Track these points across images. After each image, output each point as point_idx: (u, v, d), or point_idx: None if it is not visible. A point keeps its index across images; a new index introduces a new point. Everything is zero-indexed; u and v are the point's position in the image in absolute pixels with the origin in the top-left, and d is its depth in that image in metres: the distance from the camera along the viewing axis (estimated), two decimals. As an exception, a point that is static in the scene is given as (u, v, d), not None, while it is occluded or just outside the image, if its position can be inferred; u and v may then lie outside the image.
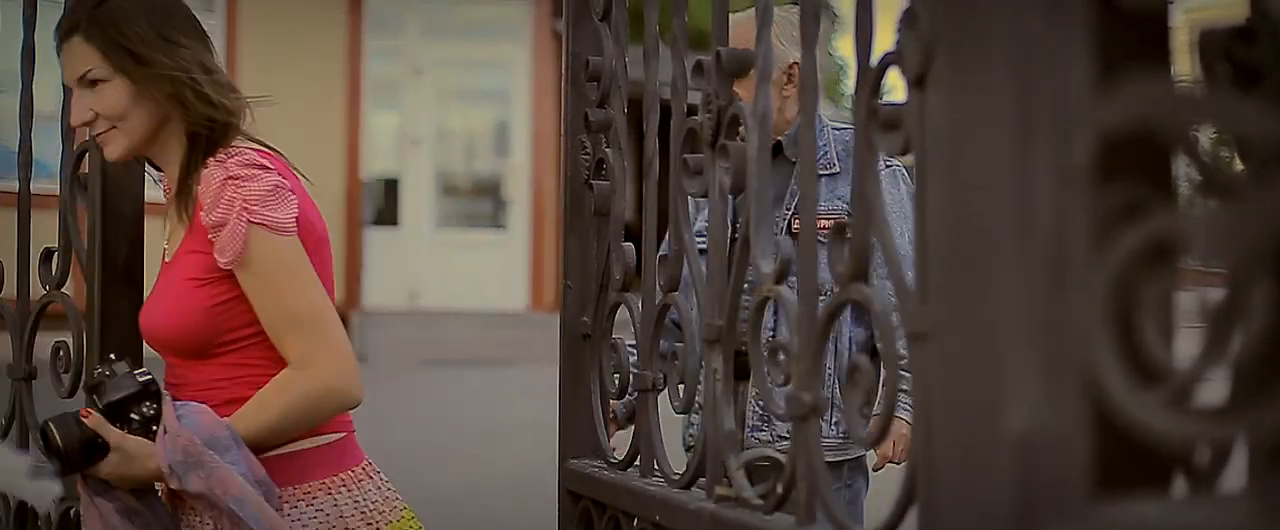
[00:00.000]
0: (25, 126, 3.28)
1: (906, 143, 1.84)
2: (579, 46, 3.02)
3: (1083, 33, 1.28)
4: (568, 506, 2.99)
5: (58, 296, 3.16)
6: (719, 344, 2.43)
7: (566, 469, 3.00)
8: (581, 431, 3.02)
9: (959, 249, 1.35)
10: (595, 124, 2.96)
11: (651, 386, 2.74)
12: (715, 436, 2.44)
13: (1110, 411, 1.20)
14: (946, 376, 1.37)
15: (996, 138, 1.30)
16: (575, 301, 3.02)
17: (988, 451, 1.30)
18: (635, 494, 2.69)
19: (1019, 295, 1.28)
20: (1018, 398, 1.27)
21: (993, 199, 1.30)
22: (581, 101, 3.00)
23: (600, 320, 2.98)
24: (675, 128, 2.59)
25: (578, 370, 3.03)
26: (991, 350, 1.30)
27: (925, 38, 1.76)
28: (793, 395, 2.14)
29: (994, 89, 1.31)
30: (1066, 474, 1.27)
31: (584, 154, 3.01)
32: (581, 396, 3.02)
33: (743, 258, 2.37)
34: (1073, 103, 1.27)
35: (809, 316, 2.12)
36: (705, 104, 2.44)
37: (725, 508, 2.35)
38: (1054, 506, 1.27)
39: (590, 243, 3.03)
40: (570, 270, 3.03)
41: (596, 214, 2.98)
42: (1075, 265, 1.25)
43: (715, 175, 2.43)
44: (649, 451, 2.75)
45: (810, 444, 2.12)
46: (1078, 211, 1.26)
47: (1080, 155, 1.25)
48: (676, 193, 2.61)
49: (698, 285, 2.56)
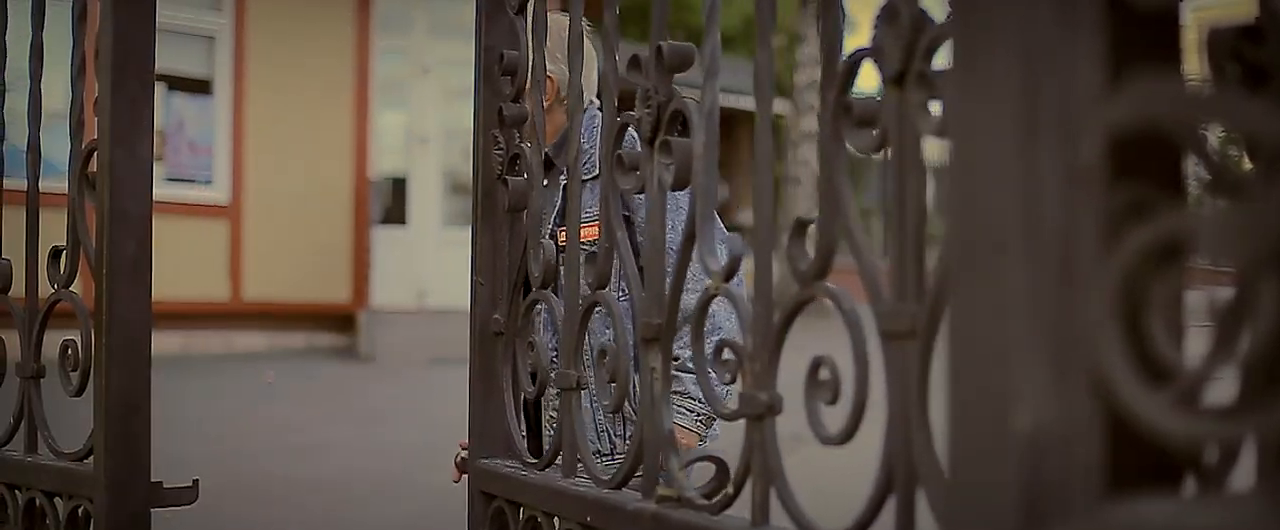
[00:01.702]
0: (34, 125, 3.28)
1: (882, 139, 1.83)
2: (493, 40, 2.97)
3: (1091, 31, 1.27)
4: (479, 507, 2.94)
5: (66, 295, 3.16)
6: (657, 342, 2.40)
7: (478, 468, 2.96)
8: (494, 430, 2.98)
9: (966, 248, 1.35)
10: (510, 118, 2.92)
11: (576, 385, 2.71)
12: (653, 436, 2.41)
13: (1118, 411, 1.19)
14: (954, 375, 1.37)
15: (1004, 137, 1.30)
16: (487, 298, 2.99)
17: (995, 451, 1.30)
18: (561, 494, 2.64)
19: (1027, 294, 1.27)
20: (1025, 397, 1.27)
21: (1000, 198, 1.30)
22: (495, 96, 2.97)
23: (515, 317, 2.94)
24: (606, 123, 2.56)
25: (489, 368, 2.99)
26: (999, 349, 1.29)
27: (905, 35, 1.76)
28: (748, 394, 2.11)
29: (1001, 88, 1.30)
30: (1074, 474, 1.27)
31: (497, 149, 2.96)
32: (493, 395, 2.99)
33: (684, 255, 2.34)
34: (1081, 101, 1.27)
35: (764, 316, 2.10)
36: (643, 99, 2.40)
37: (668, 508, 2.31)
38: (1061, 506, 1.27)
39: (503, 239, 3.00)
40: (482, 267, 3.00)
41: (511, 210, 2.93)
42: (1083, 264, 1.25)
43: (654, 171, 2.39)
44: (571, 451, 2.71)
45: (766, 443, 2.10)
46: (1086, 211, 1.26)
47: (1088, 154, 1.25)
48: (608, 189, 2.58)
49: (632, 284, 2.54)
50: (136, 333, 2.98)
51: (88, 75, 3.13)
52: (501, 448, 2.99)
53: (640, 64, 2.42)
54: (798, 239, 2.01)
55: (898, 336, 1.79)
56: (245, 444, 11.32)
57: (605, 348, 2.62)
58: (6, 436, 3.34)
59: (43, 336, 3.27)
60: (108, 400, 2.94)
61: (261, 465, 10.51)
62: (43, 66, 3.28)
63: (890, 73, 1.79)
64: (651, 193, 2.41)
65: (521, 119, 2.93)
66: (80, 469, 3.04)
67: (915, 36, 1.76)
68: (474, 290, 3.01)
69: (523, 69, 2.93)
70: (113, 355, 2.94)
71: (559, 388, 2.74)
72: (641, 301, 2.46)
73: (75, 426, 3.23)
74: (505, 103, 2.95)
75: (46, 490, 3.15)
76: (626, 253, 2.56)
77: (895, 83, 1.80)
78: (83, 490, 3.01)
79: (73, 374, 3.11)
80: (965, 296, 1.35)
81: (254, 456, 10.82)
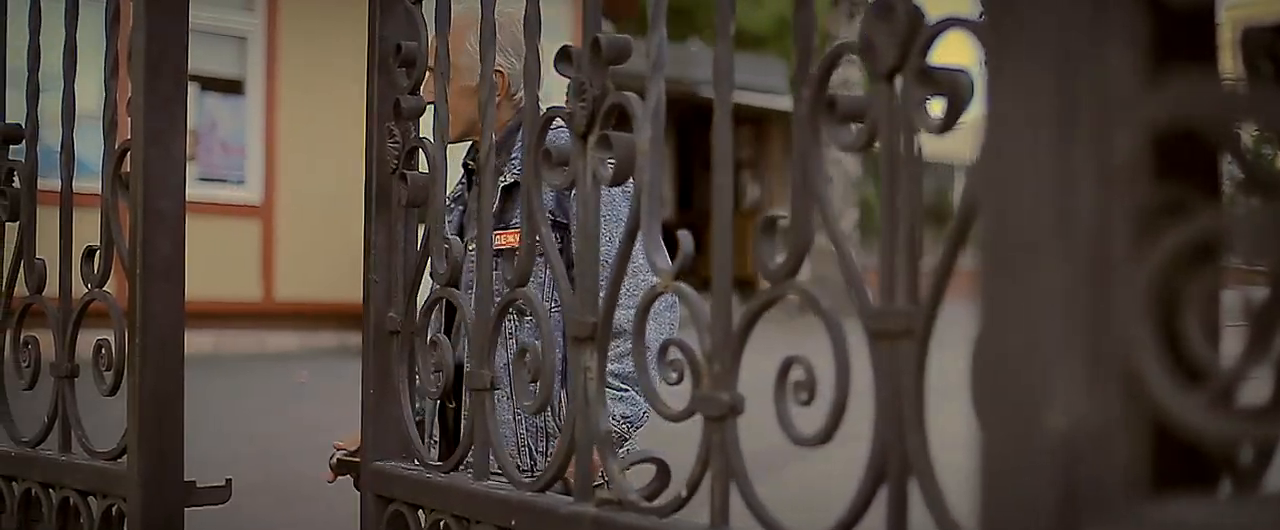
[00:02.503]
0: (67, 125, 3.29)
1: (870, 136, 1.81)
2: (387, 30, 2.93)
3: (1126, 30, 1.27)
4: (374, 510, 2.87)
5: (100, 295, 3.17)
6: (592, 342, 2.34)
7: (373, 471, 2.89)
8: (389, 431, 2.92)
9: (1000, 247, 1.34)
10: (407, 111, 2.87)
11: (490, 386, 2.64)
12: (586, 437, 2.35)
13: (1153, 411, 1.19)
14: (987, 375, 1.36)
15: (1038, 136, 1.29)
16: (382, 296, 2.93)
17: (1029, 451, 1.29)
18: (478, 497, 2.57)
19: (1061, 294, 1.27)
20: (1059, 397, 1.26)
21: (1034, 197, 1.30)
22: (390, 88, 2.91)
23: (412, 316, 2.88)
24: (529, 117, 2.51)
25: (384, 367, 2.92)
26: (1033, 349, 1.29)
27: (901, 30, 1.74)
28: (708, 395, 2.07)
29: (1036, 86, 1.30)
30: (1109, 473, 1.26)
31: (393, 142, 2.91)
32: (389, 395, 2.92)
33: (625, 252, 2.29)
34: (1116, 100, 1.26)
35: (724, 315, 2.06)
36: (578, 93, 2.35)
37: (609, 511, 2.25)
38: (1096, 506, 1.26)
39: (398, 235, 2.93)
40: (376, 264, 2.93)
41: (409, 204, 2.88)
42: (1118, 264, 1.25)
43: (587, 167, 2.34)
44: (484, 452, 2.63)
45: (727, 444, 2.06)
46: (1121, 210, 1.25)
47: (1123, 153, 1.25)
48: (531, 183, 2.52)
49: (559, 283, 2.48)
50: (169, 332, 2.99)
51: (120, 75, 3.14)
52: (397, 449, 2.92)
53: (571, 56, 2.37)
54: (767, 237, 1.98)
55: (891, 336, 1.78)
56: (277, 444, 11.33)
57: (526, 347, 2.54)
58: (41, 436, 3.35)
59: (77, 336, 3.28)
60: (141, 399, 2.95)
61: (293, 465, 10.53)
62: (76, 68, 3.29)
63: (883, 68, 1.77)
64: (584, 189, 2.35)
65: (418, 112, 2.88)
66: (114, 468, 3.05)
67: (912, 32, 1.74)
68: (367, 288, 2.94)
69: (422, 60, 2.87)
70: (146, 355, 2.95)
71: (471, 388, 2.67)
72: (570, 300, 2.40)
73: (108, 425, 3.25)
74: (402, 95, 2.89)
75: (80, 489, 3.16)
76: (552, 250, 2.50)
77: (887, 78, 1.78)
78: (116, 489, 3.02)
79: (106, 373, 3.12)
80: (999, 296, 1.34)
81: (286, 456, 10.84)
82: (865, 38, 1.79)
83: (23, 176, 3.43)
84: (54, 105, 3.30)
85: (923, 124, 1.74)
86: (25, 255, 3.40)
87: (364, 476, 2.93)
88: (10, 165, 3.47)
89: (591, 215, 2.36)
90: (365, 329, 2.95)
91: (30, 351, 3.40)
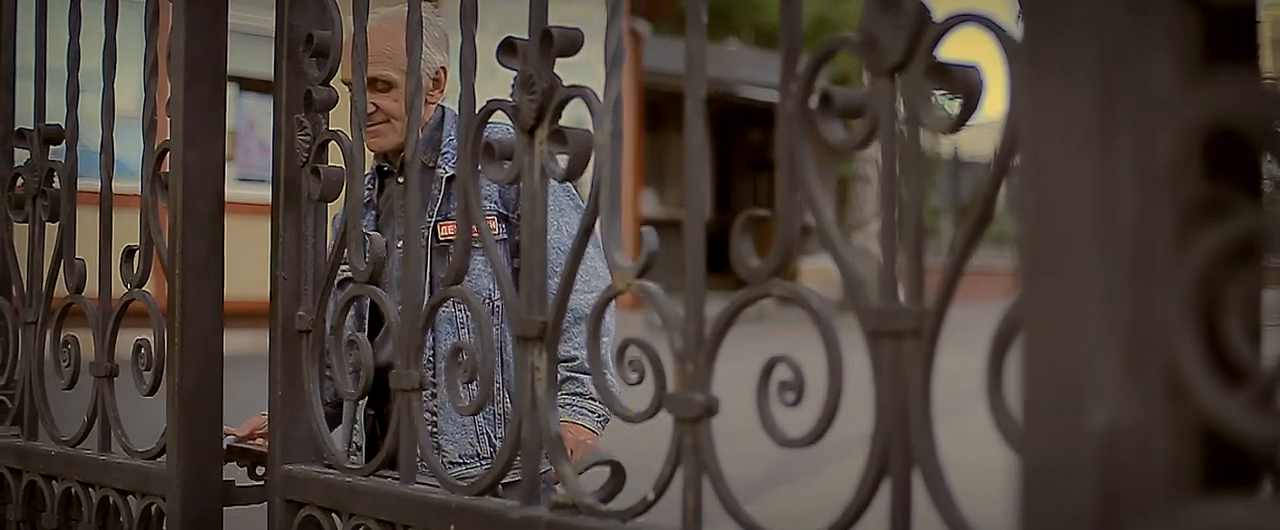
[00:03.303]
0: (107, 126, 3.30)
1: (870, 132, 1.78)
2: (297, 19, 2.87)
3: (1167, 29, 1.27)
4: (284, 516, 2.81)
5: (139, 295, 3.18)
6: (541, 341, 2.27)
7: (284, 475, 2.82)
8: (299, 433, 2.86)
9: (1040, 247, 1.34)
10: (319, 103, 2.81)
11: (417, 387, 2.56)
12: (533, 439, 2.29)
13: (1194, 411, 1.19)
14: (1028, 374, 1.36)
15: (1079, 135, 1.29)
16: (290, 295, 2.87)
17: (1070, 451, 1.29)
18: (410, 502, 2.50)
19: (1102, 293, 1.27)
20: (1101, 396, 1.26)
21: (1075, 197, 1.29)
22: (300, 79, 2.85)
23: (323, 315, 2.82)
24: (464, 108, 2.47)
25: (294, 368, 2.87)
26: (1074, 349, 1.29)
27: (909, 25, 1.72)
28: (682, 397, 2.02)
29: (1076, 86, 1.30)
30: (1149, 473, 1.26)
31: (303, 135, 2.84)
32: (298, 396, 2.86)
33: (578, 250, 2.24)
34: (1157, 100, 1.26)
35: (696, 314, 2.02)
36: (525, 86, 2.29)
37: (565, 516, 2.18)
38: (1137, 505, 1.26)
39: (308, 231, 2.88)
40: (284, 261, 2.88)
41: (322, 200, 2.82)
42: (1159, 264, 1.24)
43: (533, 161, 2.29)
44: (410, 456, 2.56)
45: (701, 447, 2.01)
46: (1161, 209, 1.25)
47: (1164, 153, 1.24)
48: (468, 177, 2.46)
49: (501, 280, 2.41)
50: (208, 332, 2.99)
51: (160, 76, 3.15)
52: (307, 452, 2.86)
53: (516, 48, 2.32)
54: (745, 236, 1.95)
55: (898, 336, 1.75)
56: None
57: (461, 345, 2.50)
58: (81, 435, 3.37)
59: (116, 336, 3.29)
60: (181, 399, 2.96)
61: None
62: (116, 67, 3.30)
63: (888, 64, 1.75)
64: (532, 184, 2.30)
65: (331, 103, 2.82)
66: (153, 467, 3.06)
67: (920, 27, 1.72)
68: (273, 285, 2.89)
69: (336, 51, 2.82)
70: (185, 354, 2.96)
71: (397, 388, 2.59)
72: (513, 298, 2.34)
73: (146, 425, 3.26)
74: (314, 86, 2.82)
75: (120, 488, 3.17)
76: (493, 247, 2.45)
77: (889, 74, 1.75)
78: (155, 489, 3.03)
79: (146, 373, 3.13)
80: (1039, 295, 1.34)
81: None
82: (867, 32, 1.76)
83: (63, 177, 3.44)
84: (93, 106, 3.31)
85: (931, 121, 1.72)
86: (65, 255, 3.42)
87: (271, 480, 2.87)
88: (50, 166, 3.48)
89: (538, 212, 2.30)
90: (272, 328, 2.89)
91: (70, 351, 3.42)
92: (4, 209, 3.58)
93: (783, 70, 1.89)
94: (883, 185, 1.77)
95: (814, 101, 1.86)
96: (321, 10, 2.89)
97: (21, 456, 3.50)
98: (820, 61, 1.86)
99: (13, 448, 3.54)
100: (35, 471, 3.45)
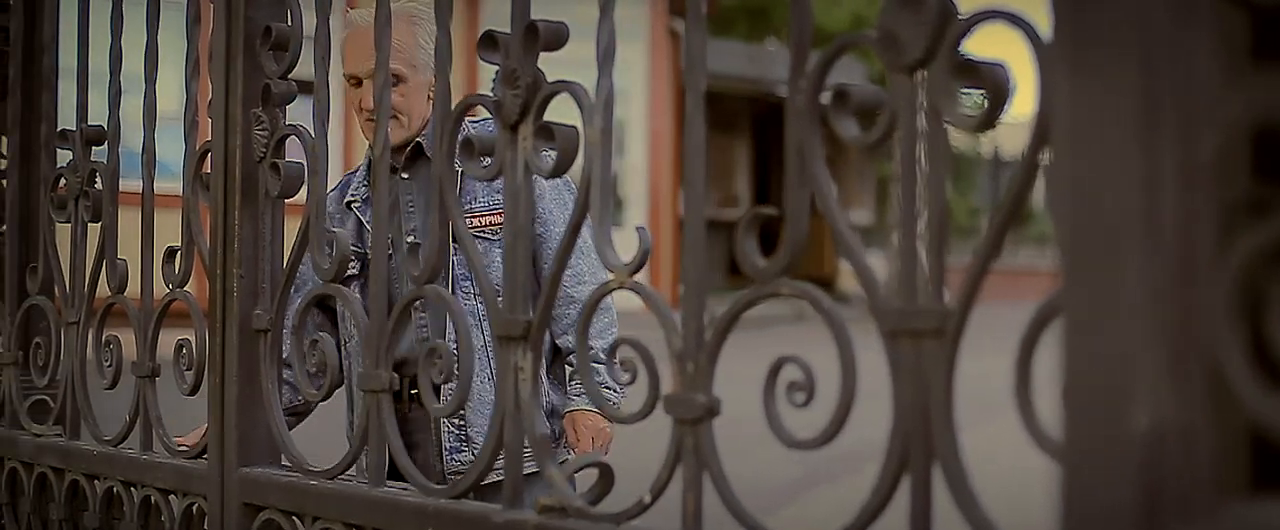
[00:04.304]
0: (149, 127, 3.32)
1: (888, 130, 1.76)
2: (254, 12, 2.84)
3: (1210, 28, 1.26)
4: (241, 520, 2.77)
5: (181, 295, 3.19)
6: (525, 341, 2.23)
7: (243, 477, 2.78)
8: (257, 435, 2.83)
9: (1082, 246, 1.34)
10: (279, 96, 2.77)
11: (387, 387, 2.52)
12: (517, 439, 2.23)
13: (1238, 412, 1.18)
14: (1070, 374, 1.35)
15: (1121, 134, 1.29)
16: (248, 293, 2.84)
17: (1113, 451, 1.29)
18: (384, 505, 2.45)
19: (1145, 293, 1.26)
20: (1143, 396, 1.26)
21: (1118, 196, 1.29)
22: (258, 72, 2.82)
23: (282, 313, 2.80)
24: (439, 102, 2.43)
25: (251, 368, 2.83)
26: (1117, 348, 1.28)
27: (932, 20, 1.70)
28: (682, 397, 1.98)
29: (1118, 86, 1.29)
30: (1193, 474, 1.25)
31: (261, 129, 2.81)
32: (255, 397, 2.83)
33: (567, 248, 2.20)
34: (1200, 99, 1.25)
35: (696, 314, 2.00)
36: (509, 80, 2.25)
37: (554, 519, 2.13)
38: (1180, 507, 1.26)
39: (265, 227, 2.85)
40: (242, 258, 2.84)
41: (282, 196, 2.79)
42: (1202, 262, 1.24)
43: (516, 158, 2.25)
44: (379, 458, 2.52)
45: (702, 448, 1.98)
46: (1204, 209, 1.24)
47: (1207, 152, 1.24)
48: (444, 174, 2.41)
49: (479, 277, 2.36)
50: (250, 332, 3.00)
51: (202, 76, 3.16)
52: (266, 454, 2.83)
53: (497, 42, 2.28)
54: (749, 234, 1.93)
55: (918, 336, 1.73)
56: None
57: (434, 346, 2.45)
58: (123, 434, 3.38)
59: (158, 335, 3.30)
60: (223, 399, 2.97)
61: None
62: (158, 69, 3.31)
63: (907, 61, 1.73)
64: (515, 181, 2.26)
65: (289, 98, 2.79)
66: (195, 467, 3.07)
67: (942, 24, 1.70)
68: (225, 282, 2.86)
69: (295, 43, 2.79)
70: (227, 354, 2.97)
71: (363, 389, 2.56)
72: (493, 298, 2.31)
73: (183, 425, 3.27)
74: (273, 79, 2.80)
75: (161, 488, 3.19)
76: (470, 245, 2.41)
77: (909, 72, 1.74)
78: (197, 488, 3.04)
79: (187, 373, 3.14)
80: (1081, 295, 1.34)
81: (364, 455, 10.87)
82: (886, 29, 1.74)
83: (105, 178, 3.46)
84: (134, 108, 3.32)
85: (955, 119, 1.70)
86: (107, 256, 3.43)
87: (228, 483, 2.84)
88: (93, 167, 3.50)
89: (522, 209, 2.27)
90: (223, 328, 2.87)
91: (112, 351, 3.43)
92: (47, 210, 3.60)
93: (792, 66, 1.87)
94: (902, 183, 1.75)
95: (826, 98, 1.84)
96: (279, 2, 2.87)
97: (64, 456, 3.52)
98: (832, 57, 1.83)
99: (55, 447, 3.56)
100: (78, 471, 3.47)
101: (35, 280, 3.67)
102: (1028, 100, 1.60)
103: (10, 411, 3.78)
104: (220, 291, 2.91)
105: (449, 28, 2.46)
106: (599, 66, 2.13)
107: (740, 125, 28.26)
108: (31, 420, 3.70)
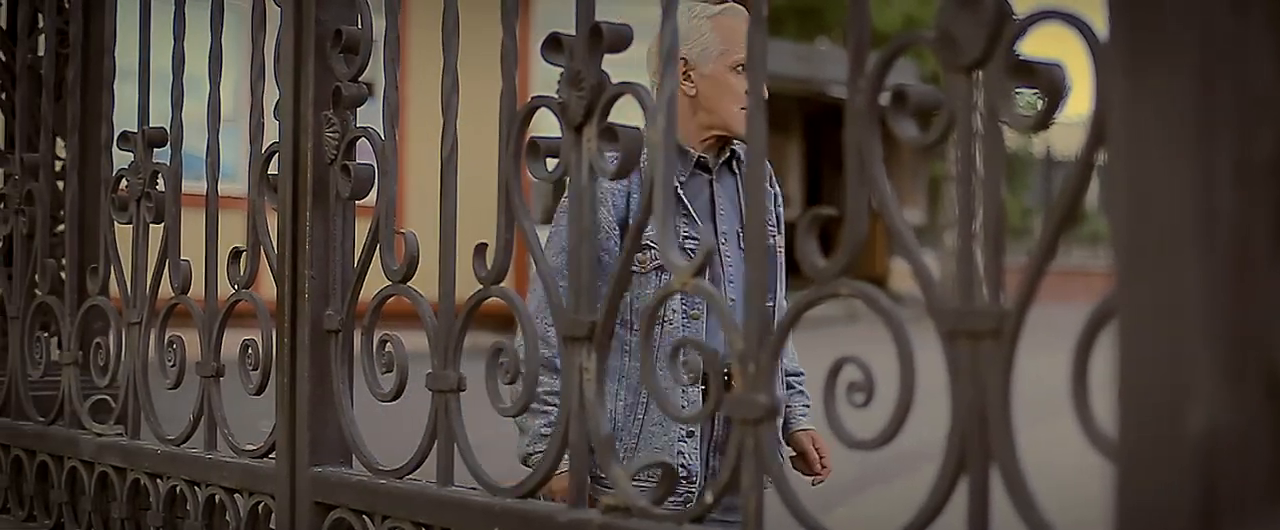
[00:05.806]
0: (213, 129, 3.34)
1: (947, 129, 1.76)
2: (326, 15, 2.84)
3: (1269, 27, 1.27)
4: (312, 519, 2.78)
5: (247, 295, 3.21)
6: (590, 341, 2.22)
7: (314, 477, 2.80)
8: (328, 436, 2.83)
9: (1138, 247, 1.34)
10: (349, 99, 2.78)
11: (455, 388, 2.54)
12: (580, 441, 2.24)
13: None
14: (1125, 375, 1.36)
15: (1179, 134, 1.29)
16: (319, 294, 2.84)
17: (1169, 451, 1.29)
18: (449, 504, 2.46)
19: (1201, 293, 1.27)
20: (1200, 397, 1.26)
21: (1174, 196, 1.29)
22: (329, 75, 2.82)
23: (351, 313, 2.80)
24: (504, 105, 2.44)
25: (323, 368, 2.84)
26: (1173, 349, 1.29)
27: (990, 21, 1.70)
28: (743, 397, 1.97)
29: (1177, 85, 1.30)
30: (1249, 474, 1.26)
31: (331, 131, 2.82)
32: (326, 397, 2.84)
33: (631, 247, 2.21)
34: (1257, 99, 1.26)
35: (759, 314, 1.99)
36: (573, 82, 2.26)
37: (618, 519, 2.12)
38: (1236, 507, 1.26)
39: (336, 229, 2.86)
40: (313, 259, 2.85)
41: (352, 198, 2.80)
42: (1259, 263, 1.25)
43: (581, 159, 2.26)
44: (448, 458, 2.53)
45: (762, 449, 1.98)
46: (1262, 208, 1.25)
47: (1264, 151, 1.25)
48: (510, 174, 2.42)
49: (546, 280, 2.38)
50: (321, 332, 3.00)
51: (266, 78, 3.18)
52: (337, 454, 2.84)
53: (562, 44, 2.29)
54: (809, 235, 1.93)
55: (975, 336, 1.73)
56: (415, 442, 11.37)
57: (501, 346, 2.46)
58: (186, 434, 3.41)
59: (223, 336, 3.32)
60: (291, 398, 2.99)
61: (426, 464, 10.54)
62: (221, 72, 3.34)
63: (965, 60, 1.74)
64: (579, 183, 2.27)
65: (360, 100, 2.80)
66: (261, 466, 3.09)
67: (999, 23, 1.70)
68: (296, 283, 2.87)
69: (365, 46, 2.79)
70: (295, 354, 2.99)
71: (434, 389, 2.57)
72: (559, 300, 2.32)
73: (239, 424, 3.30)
74: (344, 82, 2.81)
75: (227, 487, 3.20)
76: (537, 247, 2.43)
77: (967, 72, 1.74)
78: (264, 487, 3.06)
79: (253, 373, 3.16)
80: (1137, 295, 1.34)
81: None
82: (944, 29, 1.75)
83: (168, 179, 3.48)
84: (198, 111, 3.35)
85: (1012, 119, 1.70)
86: (170, 256, 3.46)
87: (299, 482, 2.86)
88: (155, 168, 3.53)
89: (587, 209, 2.28)
90: (293, 328, 2.88)
91: (175, 351, 3.46)
92: (108, 211, 3.63)
93: (850, 67, 1.88)
94: (959, 183, 1.76)
95: (886, 98, 1.86)
96: (349, 5, 2.88)
97: (126, 455, 3.54)
98: (890, 58, 1.83)
99: (117, 447, 3.58)
100: (140, 470, 3.49)
101: (96, 280, 3.69)
102: (1081, 100, 1.61)
103: (70, 411, 3.80)
104: (289, 292, 2.92)
105: (515, 30, 2.47)
106: (662, 67, 2.14)
107: (792, 125, 28.15)
108: (92, 420, 3.73)
